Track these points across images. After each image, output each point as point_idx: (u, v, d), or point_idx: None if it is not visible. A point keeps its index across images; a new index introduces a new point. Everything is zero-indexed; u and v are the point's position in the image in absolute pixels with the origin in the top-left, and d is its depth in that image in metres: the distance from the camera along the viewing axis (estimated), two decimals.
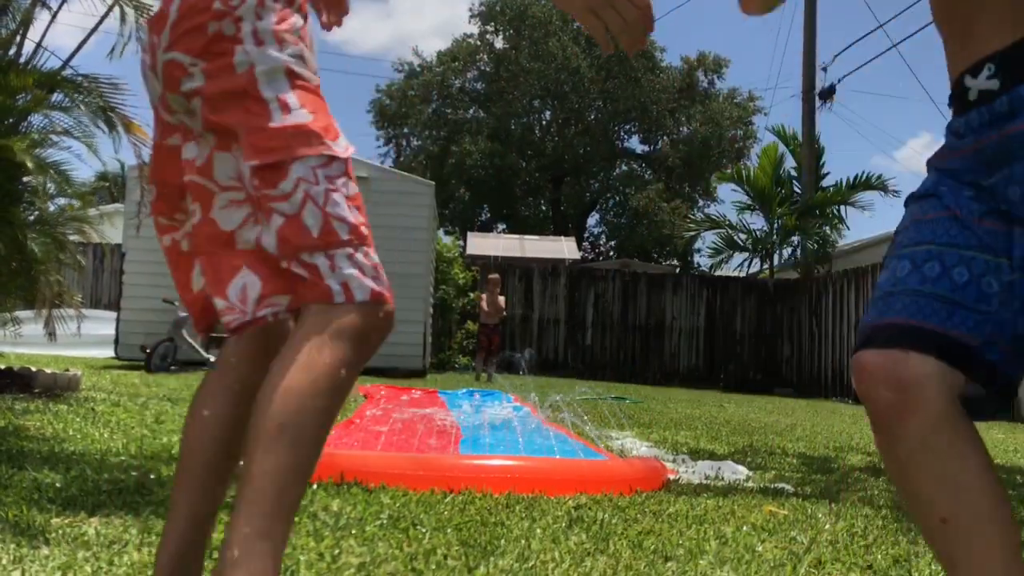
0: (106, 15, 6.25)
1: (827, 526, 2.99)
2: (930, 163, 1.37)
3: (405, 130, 35.29)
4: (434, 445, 4.59)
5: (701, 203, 34.16)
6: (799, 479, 4.24)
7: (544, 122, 35.45)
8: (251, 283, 1.51)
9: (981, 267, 1.23)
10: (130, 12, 6.17)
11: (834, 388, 15.82)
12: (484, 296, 13.55)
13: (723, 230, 19.86)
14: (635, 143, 36.56)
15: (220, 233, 1.53)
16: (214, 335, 11.39)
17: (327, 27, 1.80)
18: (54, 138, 6.22)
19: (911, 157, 64.53)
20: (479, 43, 34.92)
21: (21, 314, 7.19)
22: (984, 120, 1.26)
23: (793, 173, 19.92)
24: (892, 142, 70.61)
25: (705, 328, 17.66)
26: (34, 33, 6.11)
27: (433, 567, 2.19)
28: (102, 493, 2.82)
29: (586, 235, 35.35)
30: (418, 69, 35.25)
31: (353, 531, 2.51)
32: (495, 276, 13.75)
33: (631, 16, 1.36)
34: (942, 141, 1.36)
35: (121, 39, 6.29)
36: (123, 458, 3.55)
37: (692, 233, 21.08)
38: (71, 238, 6.89)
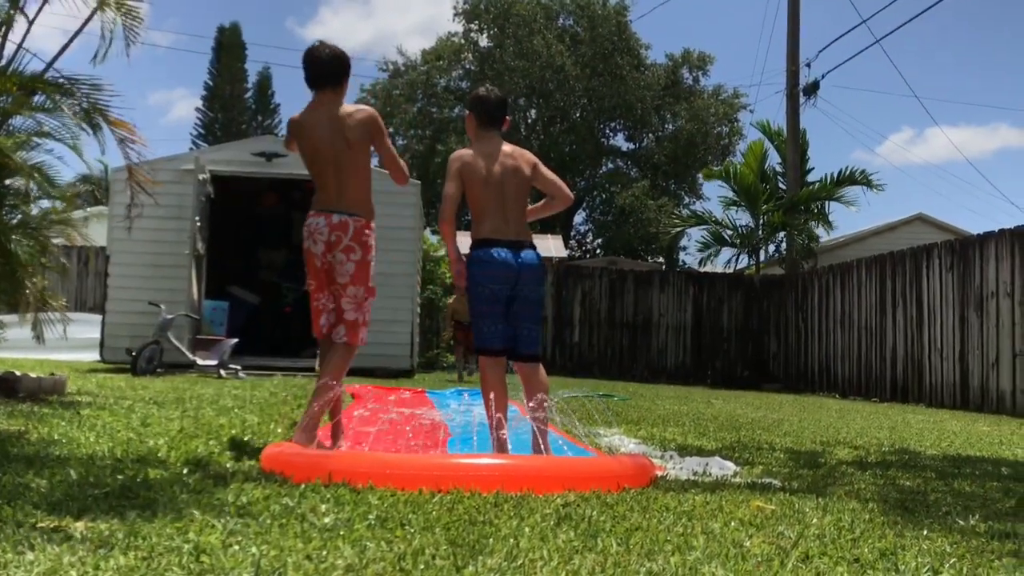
0: (90, 18, 6.20)
1: (814, 520, 3.00)
2: None
3: (390, 129, 35.12)
4: (422, 445, 4.58)
5: (687, 200, 34.26)
6: (786, 474, 4.25)
7: (529, 120, 35.46)
8: None
9: None
10: (110, 14, 6.13)
11: (821, 383, 15.89)
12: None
13: (709, 226, 19.94)
14: (620, 141, 36.68)
15: None
16: (199, 338, 11.35)
17: None
18: (37, 140, 6.18)
19: (892, 151, 64.85)
20: (463, 42, 34.89)
21: (5, 318, 7.14)
22: None
23: (778, 169, 20.00)
24: (874, 137, 70.95)
25: (692, 324, 17.71)
26: (15, 36, 6.04)
27: (421, 567, 2.19)
28: (88, 497, 2.80)
29: (573, 233, 35.39)
30: (403, 68, 35.21)
31: (341, 532, 2.50)
32: None
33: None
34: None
35: (103, 43, 6.25)
36: (109, 461, 3.53)
37: (678, 229, 21.16)
38: (55, 241, 6.84)
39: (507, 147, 4.42)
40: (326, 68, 4.31)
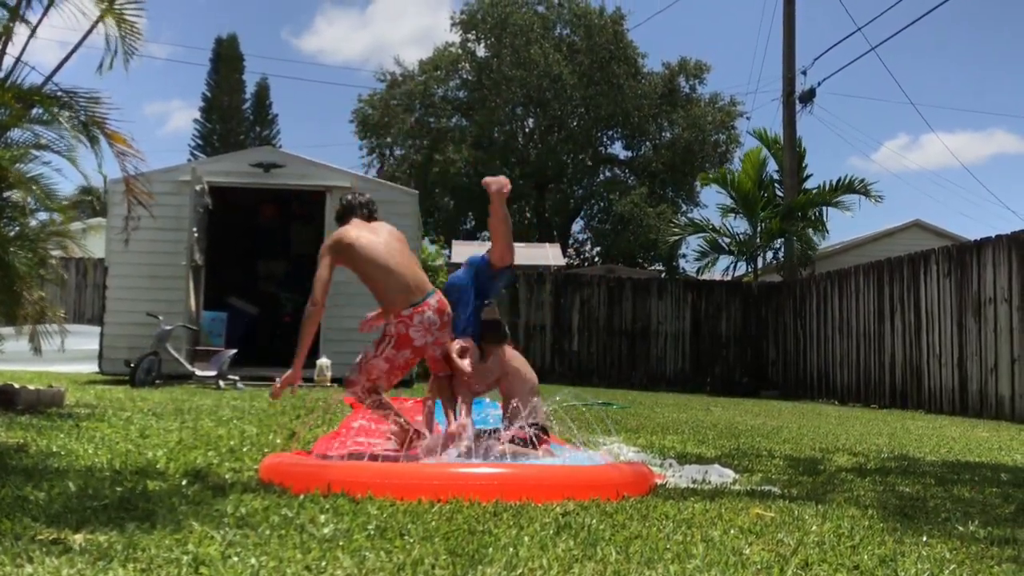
0: (90, 31, 6.21)
1: (814, 527, 3.00)
2: None
3: (388, 140, 35.25)
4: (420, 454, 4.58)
5: (685, 207, 34.29)
6: (786, 481, 4.25)
7: (527, 129, 35.52)
8: None
9: None
10: (113, 28, 6.15)
11: (820, 389, 15.89)
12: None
13: (707, 234, 19.96)
14: (618, 149, 36.70)
15: None
16: (198, 349, 11.35)
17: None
18: (35, 152, 6.19)
19: (888, 158, 64.97)
20: (460, 51, 34.95)
21: (3, 330, 7.14)
22: None
23: (775, 176, 20.03)
24: (870, 143, 71.09)
25: (691, 332, 17.70)
26: (14, 49, 6.05)
27: None
28: (87, 509, 2.80)
29: (571, 241, 35.42)
30: (400, 79, 35.27)
31: (340, 543, 2.50)
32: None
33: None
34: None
35: (108, 52, 6.26)
36: (108, 473, 3.53)
37: (676, 237, 21.19)
38: (53, 253, 6.84)
39: None
40: (367, 207, 5.12)
